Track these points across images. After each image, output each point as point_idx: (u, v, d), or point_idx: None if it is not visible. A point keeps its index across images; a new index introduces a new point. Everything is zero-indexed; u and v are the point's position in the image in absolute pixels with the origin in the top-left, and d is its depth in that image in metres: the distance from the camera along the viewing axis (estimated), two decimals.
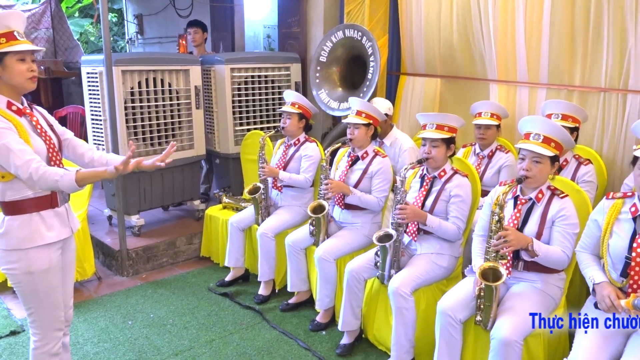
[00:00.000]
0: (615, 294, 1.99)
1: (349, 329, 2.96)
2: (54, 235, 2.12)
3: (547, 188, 2.40)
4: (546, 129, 2.33)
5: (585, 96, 3.47)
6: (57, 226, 2.14)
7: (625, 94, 3.27)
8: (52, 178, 1.98)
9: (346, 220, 3.30)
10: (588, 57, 3.41)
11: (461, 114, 3.96)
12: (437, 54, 4.32)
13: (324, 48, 4.40)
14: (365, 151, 3.24)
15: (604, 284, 2.07)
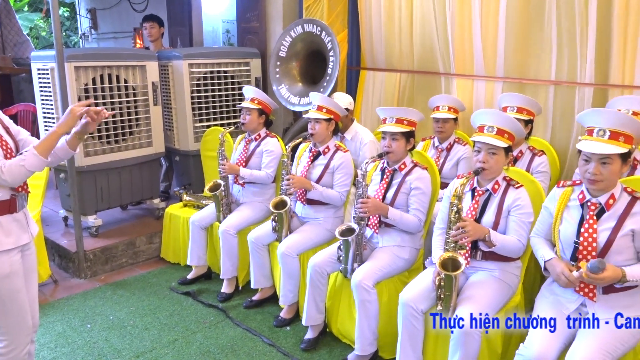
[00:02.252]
0: (568, 269, 2.07)
1: (313, 323, 2.99)
2: (12, 241, 2.08)
3: (502, 179, 2.48)
4: (499, 121, 2.40)
5: (538, 89, 3.60)
6: (16, 232, 2.10)
7: (574, 87, 3.41)
8: (17, 164, 1.99)
9: (308, 216, 3.32)
10: (540, 52, 3.53)
11: (421, 108, 4.05)
12: (397, 49, 4.39)
13: (284, 43, 4.40)
14: (327, 146, 3.26)
15: (553, 260, 2.15)
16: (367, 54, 4.64)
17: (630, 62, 3.16)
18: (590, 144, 2.04)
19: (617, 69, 3.22)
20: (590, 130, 2.07)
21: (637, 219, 2.04)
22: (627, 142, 2.01)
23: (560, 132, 3.54)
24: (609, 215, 2.08)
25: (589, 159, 2.05)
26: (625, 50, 3.16)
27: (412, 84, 4.35)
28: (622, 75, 3.22)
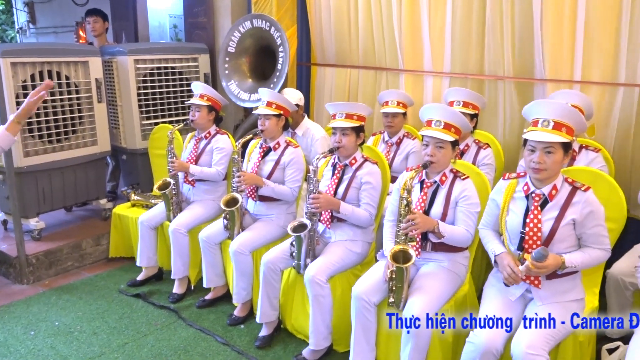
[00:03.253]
0: (514, 262, 2.15)
1: (267, 320, 2.97)
2: None
3: (449, 171, 2.54)
4: (446, 116, 2.46)
5: (484, 84, 3.71)
6: None
7: (518, 82, 3.53)
8: None
9: (260, 212, 3.29)
10: (486, 48, 3.63)
11: (370, 103, 4.10)
12: (347, 45, 4.41)
13: (232, 38, 4.34)
14: (277, 142, 3.24)
15: (503, 254, 2.22)
16: (317, 49, 4.65)
17: (569, 59, 3.30)
18: (535, 134, 2.11)
19: (557, 64, 3.36)
20: (536, 122, 2.15)
21: (577, 208, 2.13)
22: (569, 133, 2.11)
23: (505, 126, 3.66)
24: (552, 206, 2.16)
25: (534, 148, 2.13)
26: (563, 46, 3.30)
27: (362, 79, 4.39)
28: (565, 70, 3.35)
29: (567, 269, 2.09)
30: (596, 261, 2.15)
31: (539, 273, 2.08)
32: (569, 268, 2.09)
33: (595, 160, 2.95)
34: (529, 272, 2.08)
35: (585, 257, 2.11)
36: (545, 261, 2.02)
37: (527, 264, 2.05)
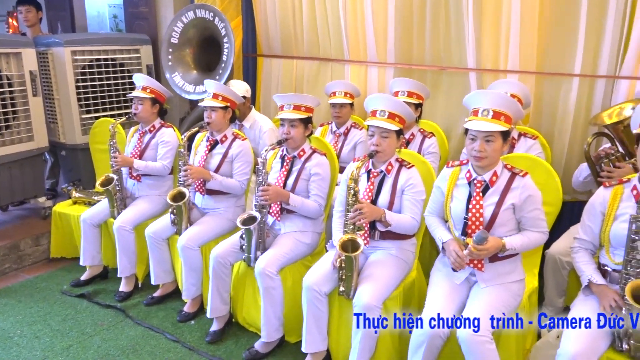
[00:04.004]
0: (459, 248, 2.23)
1: (218, 315, 2.94)
2: None
3: (395, 160, 2.58)
4: (390, 106, 2.49)
5: (428, 74, 3.79)
6: None
7: (459, 72, 3.63)
8: None
9: (209, 206, 3.24)
10: (427, 39, 3.71)
11: (318, 94, 4.11)
12: (293, 36, 4.40)
13: (175, 29, 4.24)
14: (224, 135, 3.20)
15: (449, 241, 2.29)
16: (263, 40, 4.61)
17: (505, 49, 3.42)
18: (476, 123, 2.18)
19: (494, 54, 3.47)
20: (476, 111, 2.21)
21: (516, 194, 2.21)
22: (507, 121, 2.18)
23: (449, 115, 3.76)
24: (493, 191, 2.24)
25: (475, 137, 2.19)
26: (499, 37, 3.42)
27: (308, 70, 4.39)
28: (498, 60, 3.47)
29: (507, 251, 2.17)
30: (534, 243, 2.25)
31: (481, 255, 2.15)
32: (509, 250, 2.17)
33: (533, 147, 3.07)
34: (472, 255, 2.15)
35: (524, 240, 2.21)
36: (485, 244, 2.10)
37: (470, 248, 2.12)
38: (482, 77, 3.54)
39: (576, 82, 3.27)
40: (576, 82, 3.27)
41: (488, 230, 2.21)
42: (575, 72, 3.27)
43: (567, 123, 3.35)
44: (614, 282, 2.08)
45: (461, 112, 3.68)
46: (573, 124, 3.33)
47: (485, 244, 2.10)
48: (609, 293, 2.03)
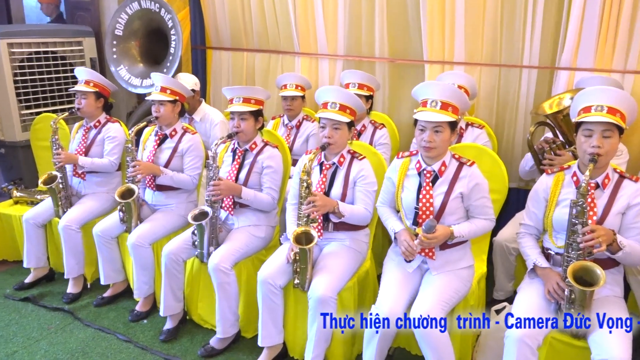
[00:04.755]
0: (410, 237, 2.26)
1: (171, 313, 2.89)
2: None
3: (347, 152, 2.60)
4: (341, 98, 2.50)
5: (377, 66, 3.82)
6: None
7: (408, 64, 3.69)
8: None
9: (159, 202, 3.17)
10: (376, 31, 3.74)
11: (270, 87, 4.08)
12: (242, 28, 4.34)
13: (119, 21, 4.10)
14: (174, 129, 3.13)
15: (401, 231, 2.33)
16: (212, 32, 4.52)
17: (451, 41, 3.49)
18: (425, 114, 2.22)
19: (441, 46, 3.54)
20: (425, 102, 2.25)
21: (464, 183, 2.27)
22: (454, 112, 2.23)
23: (399, 106, 3.82)
24: (442, 181, 2.29)
25: (424, 128, 2.23)
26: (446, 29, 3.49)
27: (258, 63, 4.34)
28: (446, 52, 3.54)
29: (456, 239, 2.23)
30: (482, 230, 2.31)
31: (431, 244, 2.20)
32: (458, 238, 2.23)
33: (480, 136, 3.16)
34: (422, 244, 2.19)
35: (472, 227, 2.27)
36: (434, 232, 2.15)
37: (420, 237, 2.16)
38: (430, 69, 3.60)
39: (520, 73, 3.39)
40: (520, 73, 3.39)
41: (438, 219, 2.26)
42: (518, 64, 3.38)
43: (512, 113, 3.47)
44: (557, 264, 2.17)
45: (410, 104, 3.75)
46: (518, 113, 3.45)
47: (434, 232, 2.15)
48: (553, 275, 2.12)
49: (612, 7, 3.00)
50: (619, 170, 2.15)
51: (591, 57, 3.14)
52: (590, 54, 3.14)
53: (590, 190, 2.07)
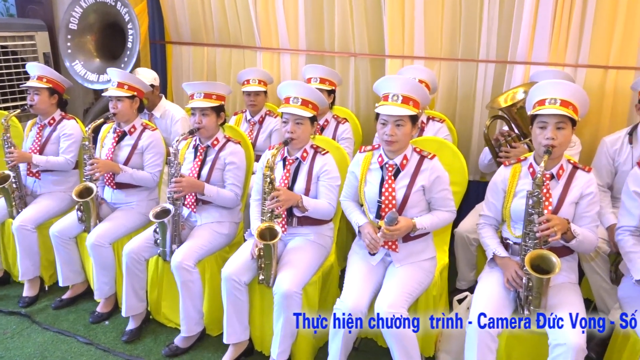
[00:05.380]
0: (374, 230, 2.29)
1: (134, 313, 2.83)
2: None
3: (310, 147, 2.60)
4: (303, 92, 2.50)
5: (339, 61, 3.84)
6: None
7: (369, 58, 3.71)
8: None
9: (119, 201, 3.10)
10: (337, 26, 3.76)
11: (231, 82, 4.04)
12: (202, 23, 4.28)
13: (73, 14, 3.98)
14: (133, 125, 3.06)
15: (365, 224, 2.35)
16: (171, 27, 4.44)
17: (411, 35, 3.54)
18: (386, 108, 2.24)
19: (401, 41, 3.59)
20: (386, 96, 2.28)
21: (426, 175, 2.31)
22: (415, 106, 2.26)
23: (362, 101, 3.85)
24: (404, 174, 2.32)
25: (385, 122, 2.26)
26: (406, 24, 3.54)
27: (219, 58, 4.30)
28: (406, 46, 3.59)
29: (418, 230, 2.27)
30: (444, 222, 2.36)
31: (393, 236, 2.23)
32: (420, 230, 2.27)
33: (441, 130, 3.22)
34: (385, 236, 2.22)
35: (434, 219, 2.31)
36: (396, 224, 2.18)
37: (383, 230, 2.19)
38: (390, 63, 3.64)
39: (477, 68, 3.46)
40: (477, 68, 3.46)
41: (400, 212, 2.29)
42: (476, 58, 3.45)
43: (470, 106, 3.55)
44: (515, 254, 2.24)
45: (371, 98, 3.78)
46: (476, 107, 3.53)
47: (396, 224, 2.18)
48: (511, 264, 2.18)
49: (564, 2, 3.11)
50: (573, 161, 2.23)
51: (545, 52, 3.24)
52: (545, 48, 3.24)
53: (545, 181, 2.14)
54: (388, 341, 2.17)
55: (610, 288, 2.61)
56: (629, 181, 2.20)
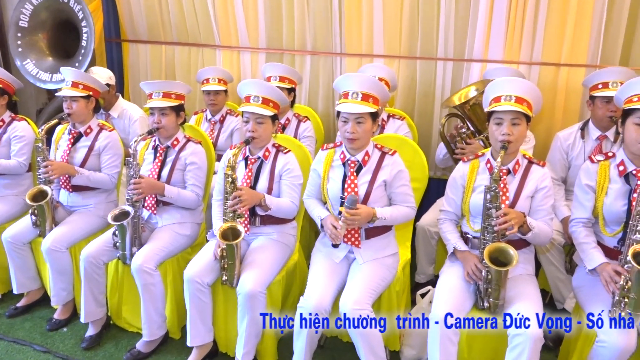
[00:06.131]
0: (336, 220, 2.28)
1: (93, 319, 2.77)
2: None
3: (272, 146, 2.59)
4: (263, 91, 2.49)
5: (298, 59, 3.84)
6: None
7: (329, 56, 3.73)
8: None
9: (76, 204, 3.02)
10: (296, 24, 3.76)
11: (191, 81, 3.99)
12: (159, 20, 4.21)
13: (23, 11, 3.84)
14: (89, 126, 2.98)
15: (327, 217, 2.35)
16: (127, 24, 4.35)
17: (370, 34, 3.58)
18: (347, 106, 2.26)
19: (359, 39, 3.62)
20: (346, 94, 2.29)
21: (387, 171, 2.34)
22: (375, 103, 2.29)
23: (322, 99, 3.86)
24: (366, 170, 2.34)
25: (346, 119, 2.27)
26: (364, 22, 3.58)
27: (179, 56, 4.24)
28: (365, 45, 3.62)
29: (378, 220, 2.27)
30: (403, 216, 2.37)
31: (355, 221, 2.21)
32: (380, 220, 2.27)
33: (401, 127, 3.26)
34: (347, 222, 2.21)
35: (394, 212, 2.33)
36: (357, 208, 2.19)
37: (344, 214, 2.20)
38: (349, 61, 3.67)
39: (435, 66, 3.52)
40: (435, 66, 3.52)
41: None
42: (434, 56, 3.51)
43: (430, 104, 3.61)
44: (474, 248, 2.29)
45: (331, 96, 3.81)
46: (435, 105, 3.59)
47: (357, 207, 2.20)
48: (471, 258, 2.23)
49: (518, 2, 3.20)
50: (528, 156, 2.30)
51: (500, 50, 3.33)
52: (500, 46, 3.33)
53: (502, 175, 2.20)
54: (353, 338, 2.19)
55: (565, 278, 2.71)
56: (581, 175, 2.28)
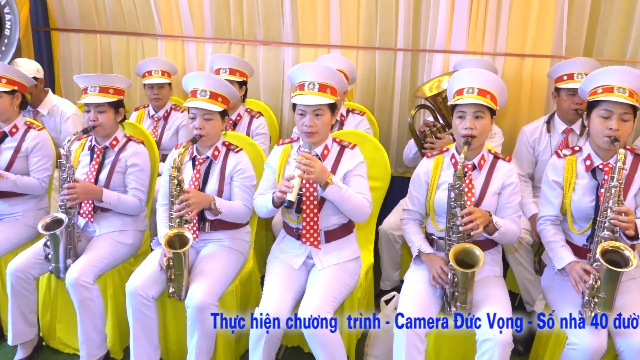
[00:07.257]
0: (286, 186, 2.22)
1: (23, 340, 2.67)
2: None
3: (222, 144, 2.57)
4: (211, 85, 2.47)
5: (248, 49, 3.83)
6: None
7: (280, 47, 3.73)
8: None
9: (2, 212, 2.91)
10: (245, 12, 3.75)
11: (130, 74, 3.91)
12: (93, 7, 4.11)
13: None
14: (14, 125, 2.89)
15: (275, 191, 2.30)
16: (56, 11, 4.23)
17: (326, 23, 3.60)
18: (303, 98, 2.27)
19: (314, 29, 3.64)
20: (302, 85, 2.30)
21: (347, 164, 2.36)
22: (333, 93, 2.31)
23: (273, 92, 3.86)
24: (325, 165, 2.34)
25: (304, 112, 2.28)
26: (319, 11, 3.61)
27: (116, 47, 4.15)
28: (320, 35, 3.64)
29: (331, 185, 2.20)
30: (357, 201, 2.30)
31: (309, 166, 2.14)
32: (334, 186, 2.21)
33: (362, 123, 3.30)
34: (300, 163, 2.16)
35: (349, 190, 2.28)
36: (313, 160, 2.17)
37: (300, 153, 2.22)
38: (304, 52, 3.68)
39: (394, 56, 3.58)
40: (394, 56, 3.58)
41: (322, 204, 2.33)
42: (393, 47, 3.57)
43: (389, 97, 3.66)
44: (440, 249, 2.34)
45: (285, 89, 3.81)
46: (394, 97, 3.65)
47: (309, 151, 2.22)
48: (437, 261, 2.28)
49: None
50: (493, 151, 2.37)
51: (463, 40, 3.42)
52: (463, 36, 3.41)
53: (467, 171, 2.25)
54: (312, 347, 2.19)
55: (534, 279, 2.79)
56: (547, 170, 2.36)
